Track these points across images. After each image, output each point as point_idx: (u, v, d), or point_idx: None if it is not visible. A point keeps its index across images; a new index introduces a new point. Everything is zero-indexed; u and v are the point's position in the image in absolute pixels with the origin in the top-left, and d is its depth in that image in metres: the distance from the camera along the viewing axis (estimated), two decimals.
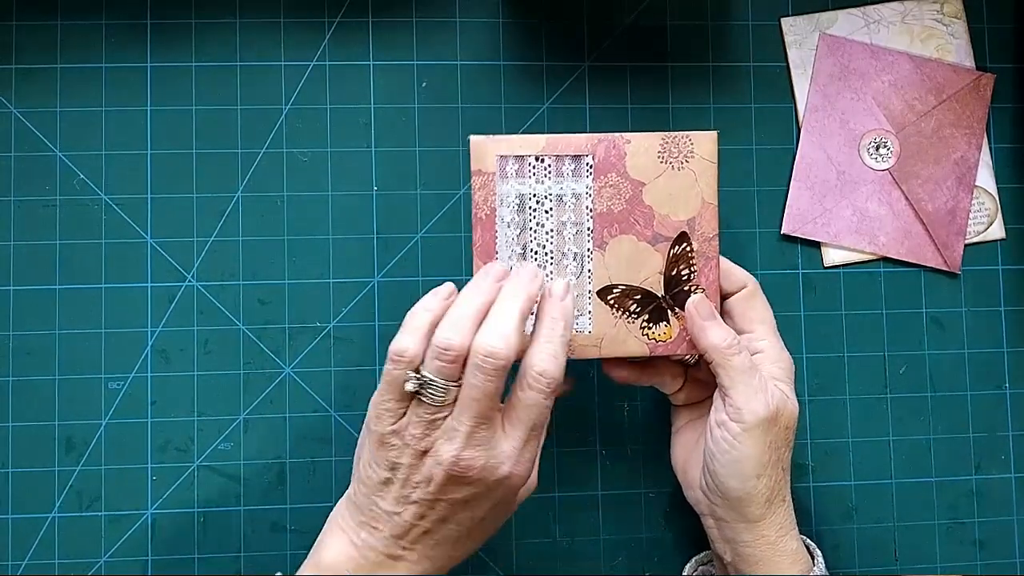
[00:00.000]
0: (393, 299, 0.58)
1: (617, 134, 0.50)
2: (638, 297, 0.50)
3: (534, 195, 0.50)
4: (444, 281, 0.48)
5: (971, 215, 0.60)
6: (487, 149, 0.49)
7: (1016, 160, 0.61)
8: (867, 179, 0.60)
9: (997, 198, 0.61)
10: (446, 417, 0.44)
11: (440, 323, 0.45)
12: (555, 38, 0.60)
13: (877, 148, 0.60)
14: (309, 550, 0.48)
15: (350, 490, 0.48)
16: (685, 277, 0.50)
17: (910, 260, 0.60)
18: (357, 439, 0.55)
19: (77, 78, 0.57)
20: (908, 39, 0.61)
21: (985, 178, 0.61)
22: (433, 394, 0.43)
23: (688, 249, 0.50)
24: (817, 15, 0.61)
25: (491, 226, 0.49)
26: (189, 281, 0.57)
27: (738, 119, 0.60)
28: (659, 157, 0.50)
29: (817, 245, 0.60)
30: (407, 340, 0.44)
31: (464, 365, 0.44)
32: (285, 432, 0.57)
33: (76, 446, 0.56)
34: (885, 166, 0.60)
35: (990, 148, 0.61)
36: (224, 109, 0.58)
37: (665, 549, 0.58)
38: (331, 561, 0.46)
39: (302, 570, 0.47)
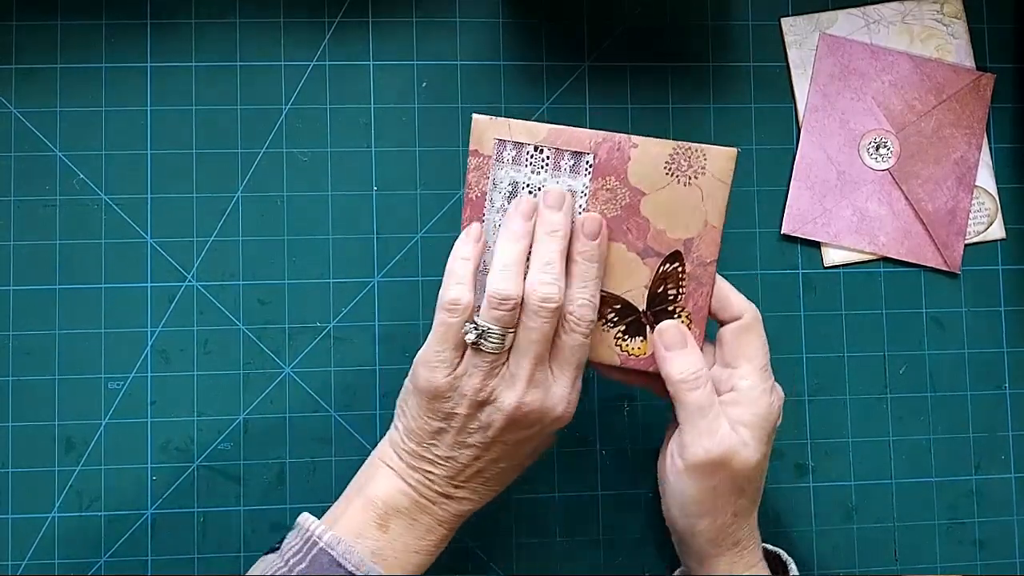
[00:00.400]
0: (393, 299, 0.58)
1: (625, 135, 0.47)
2: (617, 307, 0.49)
3: (527, 185, 0.48)
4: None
5: (971, 215, 0.60)
6: (487, 131, 0.48)
7: (1016, 160, 0.61)
8: (867, 179, 0.60)
9: (997, 198, 0.61)
10: (503, 364, 0.46)
11: (489, 275, 0.46)
12: (555, 38, 0.59)
13: (877, 148, 0.60)
14: None
15: (394, 436, 0.48)
16: (671, 297, 0.48)
17: (910, 260, 0.60)
18: (357, 439, 0.55)
19: (77, 78, 0.57)
20: (908, 39, 0.61)
21: (985, 178, 0.61)
22: (492, 342, 0.45)
23: (679, 269, 0.48)
24: (817, 15, 0.61)
25: (479, 208, 0.49)
26: (189, 281, 0.57)
27: (738, 119, 0.60)
28: (666, 168, 0.47)
29: (817, 245, 0.60)
30: (458, 290, 0.46)
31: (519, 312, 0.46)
32: (285, 432, 0.57)
33: (76, 446, 0.56)
34: (885, 166, 0.60)
35: (990, 148, 0.61)
36: (224, 109, 0.58)
37: (665, 549, 0.58)
38: (385, 495, 0.47)
39: (344, 503, 0.48)
